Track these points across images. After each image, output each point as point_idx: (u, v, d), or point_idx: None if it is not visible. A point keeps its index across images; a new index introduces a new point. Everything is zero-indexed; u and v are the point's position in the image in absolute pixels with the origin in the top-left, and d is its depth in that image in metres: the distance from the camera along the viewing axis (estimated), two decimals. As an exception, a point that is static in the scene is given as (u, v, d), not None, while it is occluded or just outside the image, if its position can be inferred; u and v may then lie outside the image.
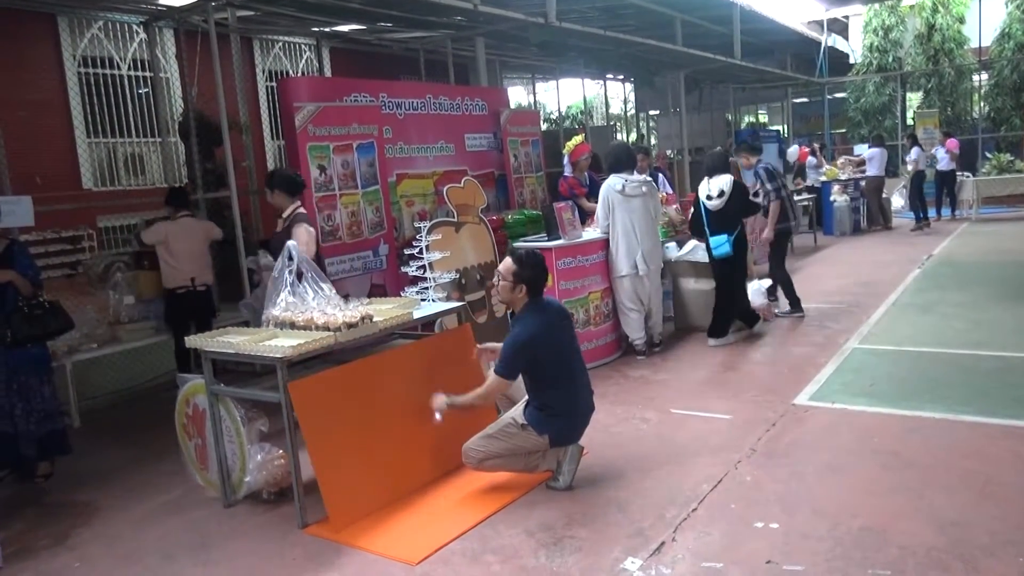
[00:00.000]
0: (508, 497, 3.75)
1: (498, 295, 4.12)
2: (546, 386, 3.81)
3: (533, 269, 3.82)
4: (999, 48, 16.97)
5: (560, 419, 3.79)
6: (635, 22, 13.17)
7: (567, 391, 3.84)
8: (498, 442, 3.79)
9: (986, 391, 4.76)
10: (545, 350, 3.77)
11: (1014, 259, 9.47)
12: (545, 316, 3.85)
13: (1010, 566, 2.83)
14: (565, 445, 3.82)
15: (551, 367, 3.80)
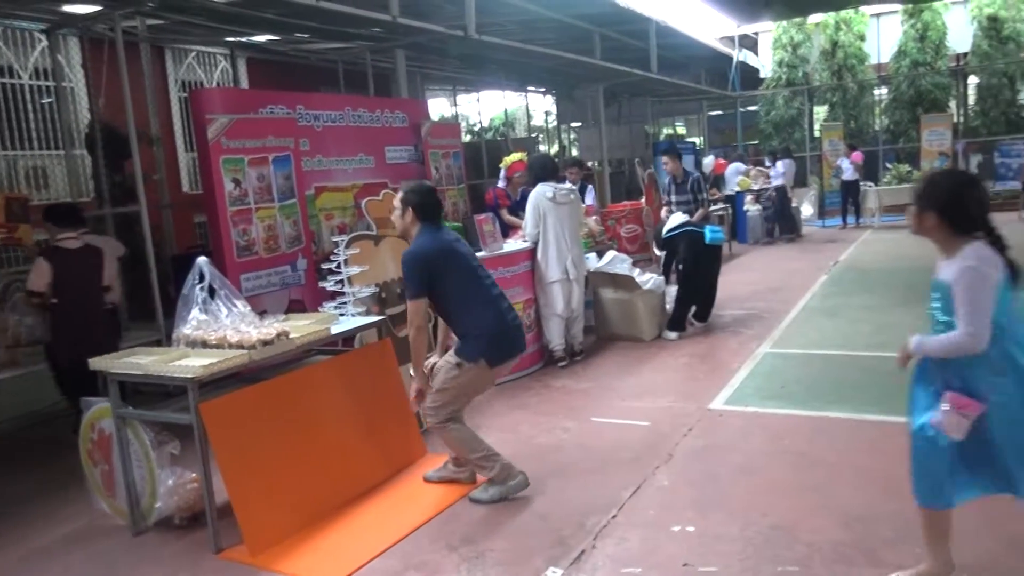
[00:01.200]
0: (430, 512, 3.73)
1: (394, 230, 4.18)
2: (462, 310, 3.80)
3: (420, 195, 3.85)
4: (896, 65, 17.94)
5: (486, 338, 3.77)
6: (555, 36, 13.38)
7: (485, 310, 3.81)
8: (445, 392, 3.79)
9: (888, 391, 4.97)
10: (446, 266, 3.76)
11: (913, 264, 9.97)
12: (440, 235, 3.85)
13: (908, 556, 2.97)
14: (505, 361, 3.86)
15: (459, 286, 3.79)
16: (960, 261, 2.56)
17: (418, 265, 3.73)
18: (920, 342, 2.69)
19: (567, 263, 6.12)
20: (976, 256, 2.54)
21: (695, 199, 7.60)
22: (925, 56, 17.50)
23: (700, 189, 7.68)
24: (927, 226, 2.69)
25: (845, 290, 8.55)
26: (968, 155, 17.29)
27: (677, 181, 7.69)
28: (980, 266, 2.53)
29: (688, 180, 7.67)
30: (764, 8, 14.83)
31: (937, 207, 2.64)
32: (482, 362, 3.76)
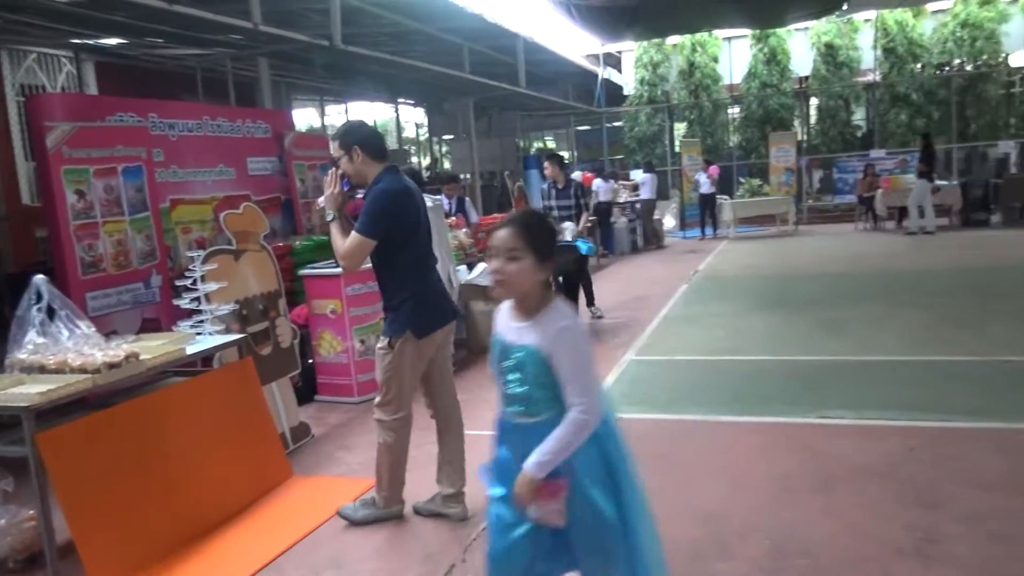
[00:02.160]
0: (296, 536, 3.61)
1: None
2: (396, 274, 3.45)
3: (360, 131, 3.51)
4: (747, 85, 19.18)
5: (409, 306, 3.43)
6: (424, 49, 13.40)
7: (413, 276, 3.48)
8: (387, 383, 3.48)
9: (740, 393, 5.30)
10: (403, 220, 3.41)
11: (765, 273, 10.69)
12: (404, 180, 3.49)
13: (758, 548, 3.16)
14: (434, 329, 3.49)
15: (404, 246, 3.44)
16: (553, 320, 2.08)
17: (386, 203, 3.34)
18: (539, 463, 2.07)
19: (450, 272, 6.12)
20: (569, 313, 2.13)
21: (577, 204, 7.89)
22: (772, 78, 18.83)
23: (583, 194, 8.02)
24: (520, 275, 2.08)
25: (703, 298, 9.02)
26: (811, 171, 18.70)
27: (558, 187, 7.93)
28: (575, 324, 2.14)
29: (571, 185, 7.95)
30: (626, 28, 15.44)
31: (536, 252, 2.09)
32: (408, 334, 3.41)
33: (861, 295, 8.39)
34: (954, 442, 4.08)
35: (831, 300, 8.18)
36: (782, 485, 3.74)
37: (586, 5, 13.04)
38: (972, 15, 17.35)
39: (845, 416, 4.60)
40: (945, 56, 17.88)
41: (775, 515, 3.44)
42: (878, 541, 3.13)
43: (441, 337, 3.60)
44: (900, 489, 3.58)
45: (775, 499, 3.60)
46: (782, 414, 4.74)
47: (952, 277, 9.23)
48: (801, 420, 4.61)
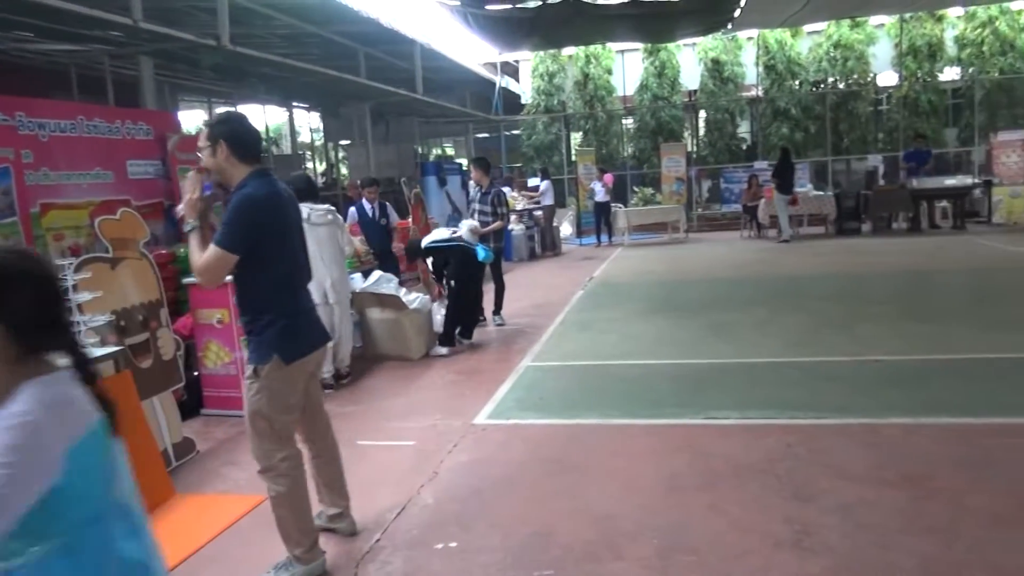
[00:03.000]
0: (177, 557, 3.44)
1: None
2: (263, 293, 3.03)
3: (231, 123, 3.05)
4: (639, 97, 19.78)
5: (275, 328, 3.03)
6: (319, 52, 13.15)
7: (281, 294, 3.09)
8: (256, 419, 3.08)
9: (632, 396, 5.45)
10: (271, 231, 2.99)
11: (657, 279, 11.03)
12: (277, 185, 3.09)
13: (648, 547, 3.25)
14: (304, 355, 3.12)
15: (281, 261, 3.06)
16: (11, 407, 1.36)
17: (251, 212, 2.90)
18: None
19: (326, 287, 5.98)
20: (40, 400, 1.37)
21: (494, 211, 8.09)
22: (663, 91, 19.49)
23: (501, 203, 8.23)
24: None
25: (598, 304, 9.21)
26: (700, 180, 19.48)
27: (482, 191, 8.17)
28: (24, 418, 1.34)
29: (491, 192, 8.15)
30: (523, 38, 15.64)
31: None
32: (275, 359, 3.01)
33: (746, 300, 8.79)
34: (827, 437, 4.33)
35: (718, 305, 8.53)
36: (671, 485, 3.86)
37: (483, 14, 13.14)
38: (844, 37, 18.52)
39: (730, 416, 4.80)
40: (820, 74, 19.01)
41: (664, 514, 3.54)
42: (759, 535, 3.28)
43: (313, 364, 3.26)
44: (778, 484, 3.76)
45: (664, 499, 3.71)
46: (672, 416, 4.90)
47: (828, 283, 9.81)
48: (689, 421, 4.78)
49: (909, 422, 4.47)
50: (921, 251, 11.96)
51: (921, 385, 5.22)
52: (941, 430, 4.34)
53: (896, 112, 18.80)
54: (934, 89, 18.51)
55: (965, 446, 4.09)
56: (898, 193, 14.93)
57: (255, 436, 3.13)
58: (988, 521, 3.27)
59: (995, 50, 17.87)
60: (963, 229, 14.35)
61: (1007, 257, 10.81)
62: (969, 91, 18.44)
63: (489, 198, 8.11)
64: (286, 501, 3.16)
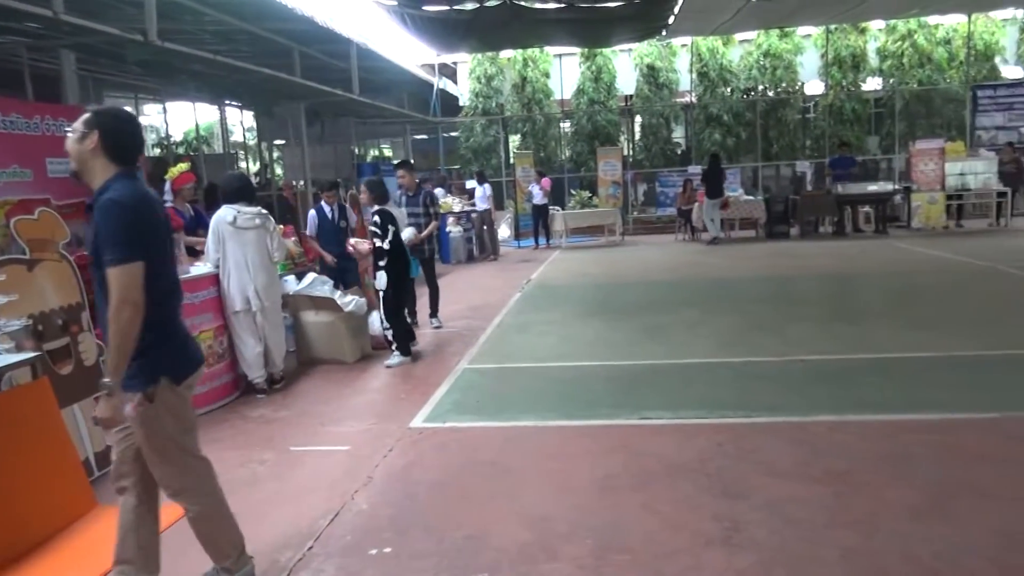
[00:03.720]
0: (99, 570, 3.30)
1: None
2: (154, 305, 2.70)
3: (117, 120, 2.81)
4: (577, 101, 19.99)
5: (163, 346, 2.78)
6: (251, 49, 12.86)
7: (163, 308, 2.79)
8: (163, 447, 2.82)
9: (568, 397, 5.48)
10: (155, 236, 2.75)
11: (593, 281, 11.15)
12: (144, 189, 2.82)
13: (582, 547, 3.27)
14: (191, 372, 2.91)
15: (164, 269, 2.81)
16: None
17: (127, 216, 2.62)
18: None
19: (249, 292, 5.84)
20: None
21: (427, 212, 8.08)
22: (600, 95, 19.75)
23: (432, 203, 8.22)
24: None
25: (535, 306, 9.26)
26: (636, 184, 19.80)
27: (410, 194, 8.10)
28: None
29: (420, 194, 8.13)
30: (460, 40, 15.65)
31: None
32: (164, 381, 2.77)
33: (679, 302, 8.96)
34: (756, 436, 4.44)
35: (652, 307, 8.67)
36: (605, 485, 3.89)
37: (421, 15, 13.08)
38: (773, 46, 19.10)
39: (663, 416, 4.88)
40: (751, 82, 19.56)
41: (598, 514, 3.57)
42: (690, 533, 3.34)
43: (194, 383, 3.00)
44: (709, 483, 3.84)
45: (599, 499, 3.75)
46: (606, 417, 4.95)
47: (758, 285, 10.08)
48: (624, 422, 4.84)
49: (834, 419, 4.63)
50: (846, 254, 12.40)
51: (846, 383, 5.40)
52: (864, 427, 4.50)
53: (822, 120, 19.47)
54: (857, 98, 19.26)
55: (886, 442, 4.25)
56: (824, 198, 15.45)
57: (161, 463, 2.86)
58: (906, 514, 3.40)
59: (914, 62, 18.71)
60: (885, 233, 14.94)
61: (925, 260, 11.30)
62: (890, 101, 19.24)
63: (421, 199, 8.09)
64: (208, 517, 3.04)
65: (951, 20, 18.65)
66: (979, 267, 10.18)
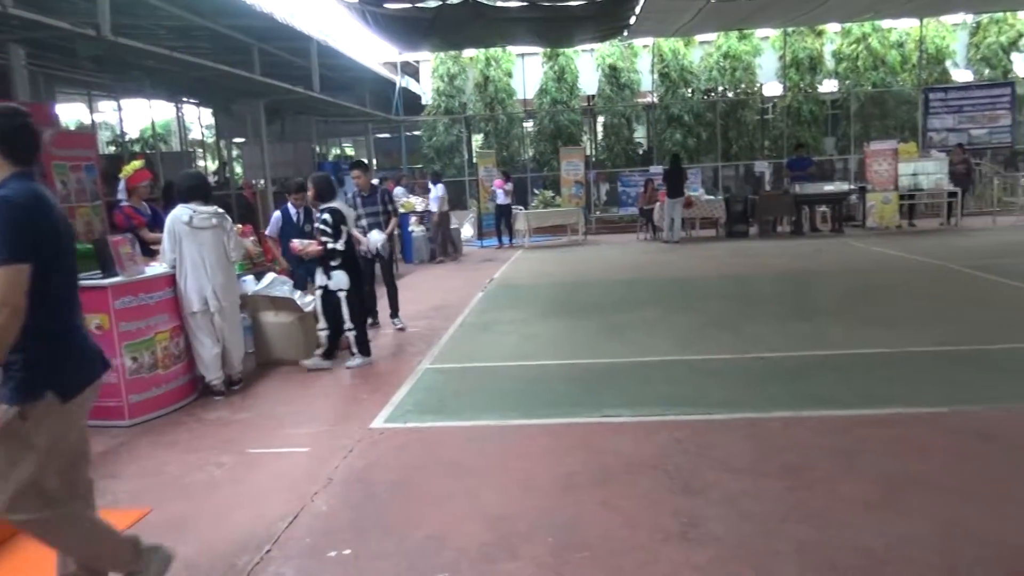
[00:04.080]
0: (49, 578, 3.24)
1: None
2: (42, 314, 2.53)
3: (8, 117, 2.66)
4: (539, 101, 20.05)
5: (48, 358, 2.57)
6: (210, 46, 12.67)
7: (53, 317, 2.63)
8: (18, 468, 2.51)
9: (529, 396, 5.50)
10: (50, 238, 2.59)
11: (555, 281, 11.19)
12: (40, 189, 2.67)
13: (542, 547, 3.28)
14: (85, 386, 2.69)
15: (58, 272, 2.62)
16: None
17: (18, 215, 2.49)
18: None
19: (207, 293, 5.74)
20: None
21: (385, 210, 8.00)
22: (562, 95, 19.83)
23: (390, 200, 8.17)
24: None
25: (498, 306, 9.27)
26: (598, 184, 19.92)
27: (364, 195, 7.98)
28: None
29: (376, 193, 8.04)
30: (422, 39, 15.58)
31: None
32: (50, 396, 2.54)
33: (640, 300, 9.04)
34: (714, 432, 4.50)
35: (613, 305, 8.73)
36: (566, 483, 3.92)
37: (382, 13, 13.00)
38: (732, 48, 19.37)
39: (623, 414, 4.92)
40: (711, 83, 19.82)
41: (559, 513, 3.59)
42: (648, 529, 3.37)
43: (91, 397, 2.78)
44: (668, 479, 3.88)
45: (559, 497, 3.77)
46: (568, 415, 4.98)
47: (717, 283, 10.22)
48: (584, 420, 4.87)
49: (789, 415, 4.71)
50: (802, 253, 12.63)
51: (800, 380, 5.51)
52: (818, 422, 4.60)
53: (780, 121, 19.80)
54: (814, 100, 19.62)
55: (839, 437, 4.34)
56: (782, 198, 15.72)
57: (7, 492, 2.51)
58: (859, 507, 3.48)
59: (868, 65, 19.12)
60: (841, 232, 15.24)
61: (878, 259, 11.56)
62: (845, 102, 19.64)
63: (378, 198, 8.00)
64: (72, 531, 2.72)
65: (904, 24, 19.11)
66: (931, 266, 10.45)
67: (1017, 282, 8.71)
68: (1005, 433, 4.27)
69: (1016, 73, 19.04)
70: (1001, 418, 4.51)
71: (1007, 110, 18.13)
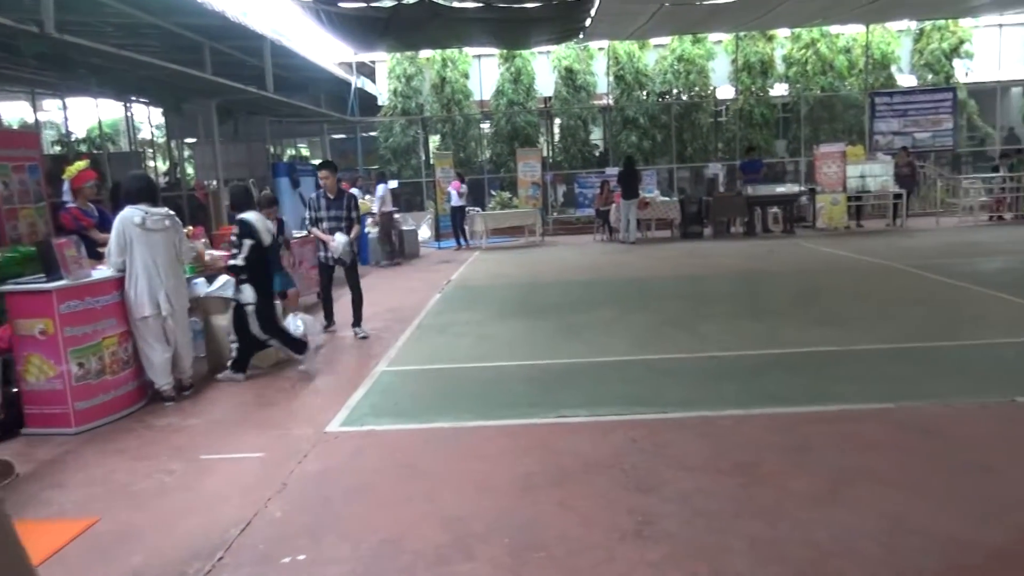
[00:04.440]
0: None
1: None
2: None
3: None
4: (496, 102, 20.06)
5: None
6: (160, 44, 12.41)
7: None
8: None
9: (487, 397, 5.51)
10: None
11: (513, 282, 11.21)
12: None
13: (498, 547, 3.29)
14: None
15: None
16: None
17: None
18: None
19: (159, 297, 5.62)
20: None
21: (349, 216, 7.72)
22: (519, 97, 19.88)
23: (355, 207, 7.86)
24: None
25: (454, 307, 9.25)
26: (555, 185, 20.01)
27: (330, 197, 7.71)
28: None
29: (343, 197, 7.79)
30: (377, 39, 15.47)
31: None
32: None
33: (596, 301, 9.11)
34: (669, 431, 4.56)
35: (570, 306, 8.79)
36: (523, 484, 3.93)
37: (337, 12, 12.87)
38: (686, 51, 19.63)
39: (580, 414, 4.95)
40: (666, 85, 20.06)
41: (516, 514, 3.60)
42: (604, 528, 3.40)
43: None
44: (624, 478, 3.92)
45: (516, 498, 3.78)
46: (525, 416, 4.99)
47: (673, 284, 10.36)
48: (541, 421, 4.89)
49: (741, 413, 4.80)
50: (755, 254, 12.86)
51: (752, 378, 5.61)
52: (769, 419, 4.69)
53: (733, 123, 20.13)
54: (766, 103, 20.00)
55: (789, 433, 4.43)
56: (735, 200, 15.99)
57: None
58: (808, 502, 3.56)
59: (817, 69, 19.56)
60: (792, 233, 15.57)
61: (828, 259, 11.83)
62: (796, 106, 20.05)
63: (344, 202, 7.74)
64: None
65: (851, 30, 19.59)
66: (878, 266, 10.73)
67: (959, 281, 9.00)
68: (947, 428, 4.41)
69: (957, 79, 19.66)
70: (943, 413, 4.65)
71: (949, 114, 18.73)
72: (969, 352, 6.08)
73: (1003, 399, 4.82)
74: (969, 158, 20.26)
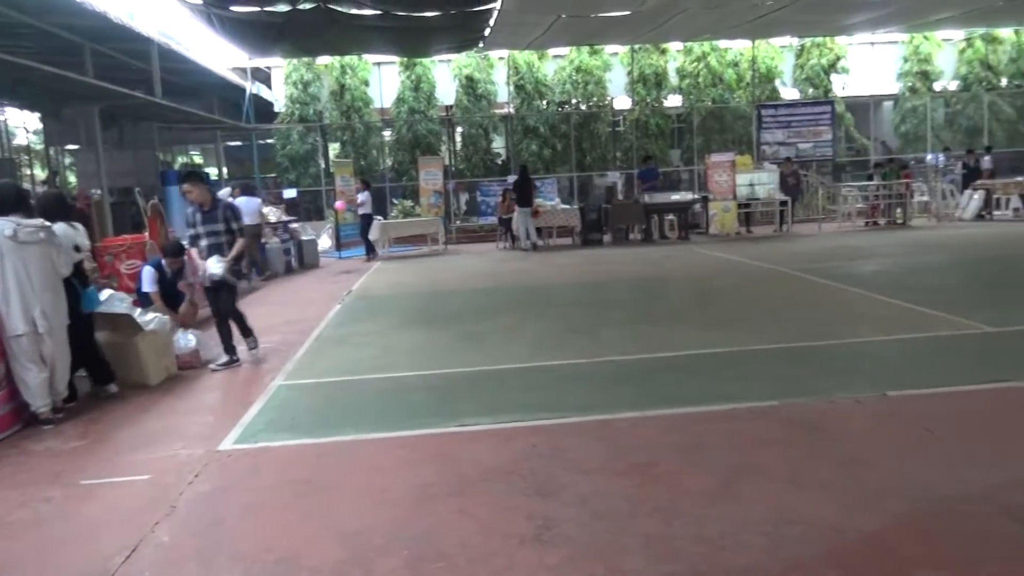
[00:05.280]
0: None
1: None
2: None
3: None
4: (397, 110, 19.93)
5: None
6: (35, 45, 11.74)
7: None
8: None
9: (386, 409, 5.44)
10: None
11: (414, 291, 11.15)
12: None
13: (397, 559, 3.25)
14: None
15: None
16: None
17: None
18: None
19: (34, 314, 5.26)
20: None
21: (228, 229, 6.90)
22: (420, 105, 19.84)
23: (235, 217, 6.99)
24: None
25: (355, 318, 9.11)
26: (458, 193, 20.04)
27: (204, 209, 6.87)
28: None
29: (219, 208, 6.92)
30: (272, 44, 15.10)
31: None
32: None
33: (498, 309, 9.17)
34: (568, 435, 4.63)
35: (471, 314, 8.81)
36: (422, 494, 3.90)
37: (228, 16, 12.49)
38: (584, 63, 20.10)
39: (480, 422, 4.96)
40: (565, 95, 20.46)
41: (415, 524, 3.57)
42: (504, 534, 3.42)
43: None
44: (523, 483, 3.95)
45: (415, 509, 3.74)
46: (424, 426, 4.96)
47: (572, 291, 10.54)
48: (441, 430, 4.87)
49: (636, 415, 4.92)
50: (652, 260, 13.26)
51: (648, 381, 5.77)
52: (663, 420, 4.83)
53: (630, 133, 20.73)
54: (661, 114, 20.70)
55: (682, 433, 4.58)
56: (633, 207, 16.46)
57: None
58: (701, 499, 3.68)
59: (708, 82, 20.41)
60: (687, 239, 16.15)
61: (720, 264, 12.33)
62: (689, 117, 20.84)
63: (219, 214, 6.86)
64: None
65: (738, 45, 20.54)
66: (765, 270, 11.26)
67: (840, 284, 9.55)
68: (828, 423, 4.66)
69: (835, 93, 20.91)
70: (826, 409, 4.91)
71: (828, 126, 19.88)
72: (848, 350, 6.45)
73: (875, 393, 5.13)
74: (849, 167, 21.57)
